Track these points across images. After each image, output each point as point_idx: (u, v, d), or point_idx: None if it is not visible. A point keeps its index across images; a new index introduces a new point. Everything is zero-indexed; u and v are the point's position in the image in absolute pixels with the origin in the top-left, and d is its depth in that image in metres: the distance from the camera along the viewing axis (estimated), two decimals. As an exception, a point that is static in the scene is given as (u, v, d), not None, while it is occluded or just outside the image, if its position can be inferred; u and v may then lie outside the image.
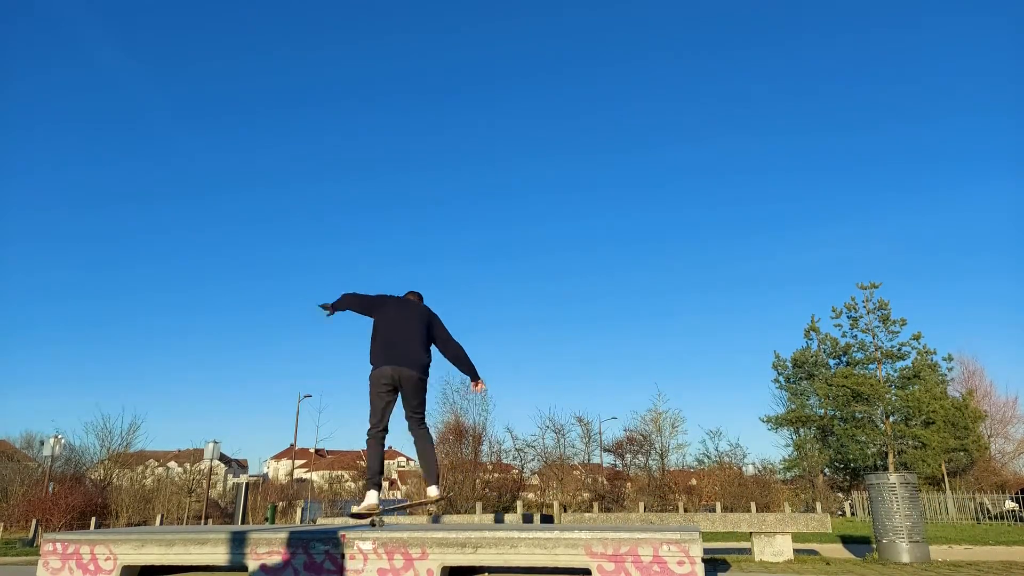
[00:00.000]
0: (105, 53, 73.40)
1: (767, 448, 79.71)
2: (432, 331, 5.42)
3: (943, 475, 33.42)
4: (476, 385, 5.58)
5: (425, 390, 5.30)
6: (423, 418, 5.33)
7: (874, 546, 6.82)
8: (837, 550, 9.85)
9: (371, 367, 5.18)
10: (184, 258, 75.15)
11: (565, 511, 18.02)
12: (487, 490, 26.25)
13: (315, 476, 47.50)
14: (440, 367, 5.68)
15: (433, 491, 5.07)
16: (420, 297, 5.69)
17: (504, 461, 28.29)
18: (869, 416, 36.66)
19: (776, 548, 7.25)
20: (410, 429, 5.34)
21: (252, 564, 4.16)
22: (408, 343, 5.19)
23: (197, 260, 76.11)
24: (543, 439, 28.96)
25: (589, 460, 31.45)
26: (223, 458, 52.59)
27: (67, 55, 74.17)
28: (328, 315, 5.47)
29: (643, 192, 77.39)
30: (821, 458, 36.47)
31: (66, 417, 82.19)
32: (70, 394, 64.74)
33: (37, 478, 25.02)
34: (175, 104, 77.97)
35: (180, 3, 77.26)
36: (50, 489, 22.57)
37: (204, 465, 29.17)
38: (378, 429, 5.15)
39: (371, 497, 5.05)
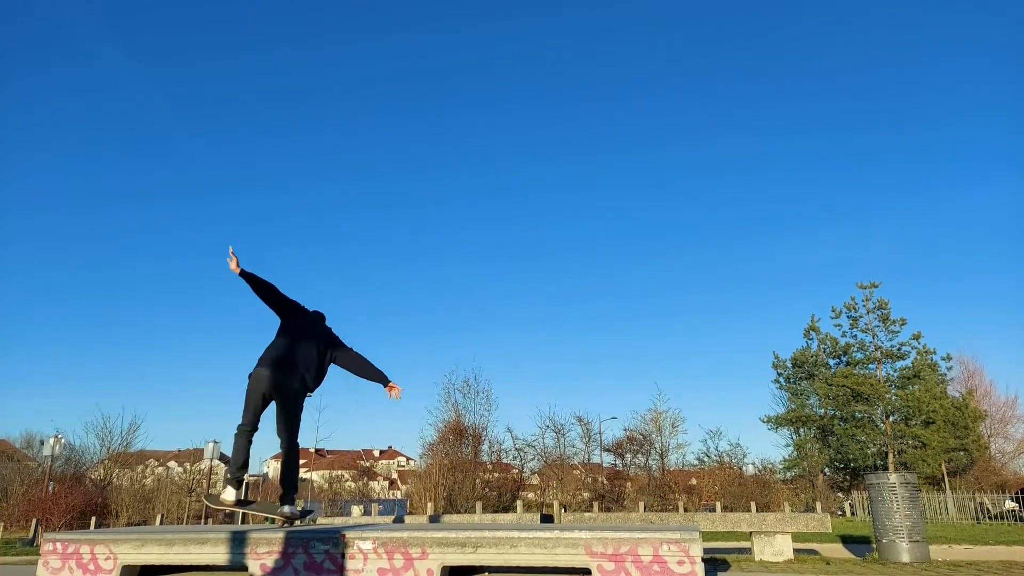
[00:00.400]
0: (105, 53, 73.40)
1: (767, 448, 79.79)
2: (333, 352, 5.43)
3: (943, 475, 33.43)
4: (391, 390, 5.51)
5: (300, 406, 5.22)
6: (294, 434, 5.21)
7: (874, 546, 6.82)
8: (837, 550, 9.85)
9: (257, 365, 5.13)
10: (184, 258, 75.03)
11: (565, 511, 18.02)
12: (487, 490, 26.26)
13: (315, 476, 47.52)
14: (441, 365, 5.60)
15: (286, 510, 4.99)
16: (323, 317, 5.67)
17: (504, 461, 28.31)
18: (869, 416, 36.67)
19: (776, 548, 7.25)
20: (280, 444, 5.24)
21: (252, 564, 4.16)
22: (304, 356, 5.19)
23: (197, 260, 76.01)
24: (543, 439, 29.00)
25: (589, 460, 31.45)
26: (223, 458, 52.51)
27: (67, 55, 74.16)
28: (230, 256, 5.13)
29: (643, 192, 77.36)
30: (821, 458, 36.49)
31: (66, 417, 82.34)
32: (70, 394, 64.79)
33: (37, 478, 25.01)
34: (175, 104, 77.94)
35: (180, 3, 77.30)
36: (50, 489, 22.58)
37: (204, 465, 29.18)
38: (247, 427, 5.13)
39: (228, 494, 5.08)
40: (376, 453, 73.25)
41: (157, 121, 76.06)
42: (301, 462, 5.62)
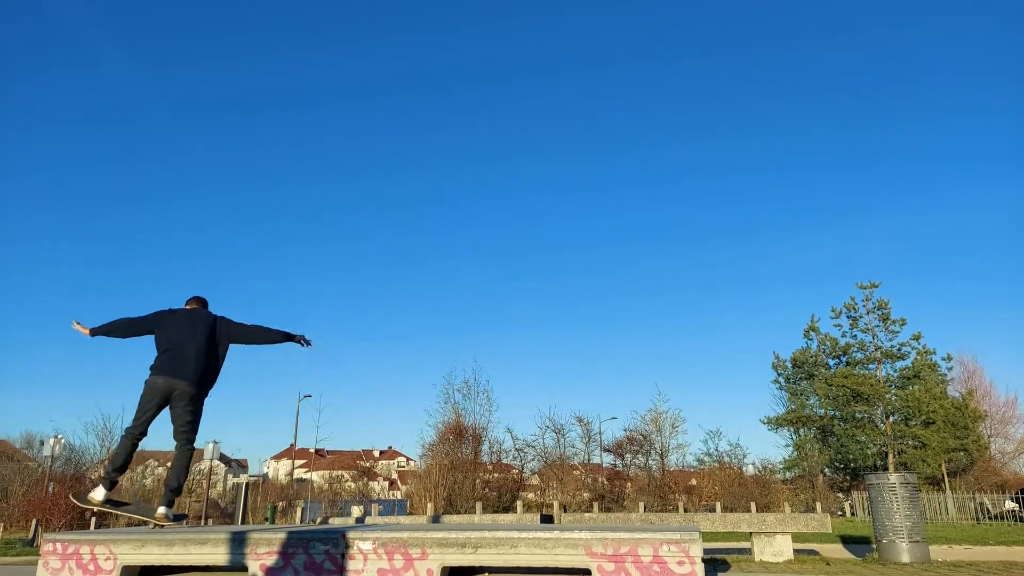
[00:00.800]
0: (105, 53, 73.41)
1: (767, 448, 79.91)
2: (221, 335, 5.29)
3: (943, 475, 33.43)
4: (302, 342, 5.43)
5: (197, 409, 5.18)
6: (190, 437, 5.20)
7: (874, 546, 6.81)
8: (837, 550, 9.85)
9: (149, 373, 5.14)
10: (184, 258, 75.12)
11: (565, 511, 18.02)
12: (487, 490, 26.26)
13: (315, 476, 47.51)
14: (441, 365, 5.59)
15: (161, 511, 5.00)
16: (204, 302, 5.50)
17: (504, 461, 28.31)
18: (869, 416, 36.67)
19: (776, 548, 7.25)
20: (176, 446, 5.23)
21: (252, 564, 4.16)
22: (186, 355, 5.11)
23: (197, 260, 76.07)
24: (543, 439, 29.02)
25: (589, 460, 31.47)
26: (223, 458, 52.56)
27: (67, 55, 74.23)
28: (77, 328, 5.35)
29: (643, 192, 77.45)
30: (821, 458, 36.50)
31: (66, 417, 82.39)
32: (70, 394, 64.79)
33: (37, 478, 25.02)
34: (175, 104, 78.00)
35: (180, 3, 77.33)
36: (50, 489, 22.56)
37: (204, 465, 29.18)
38: (135, 431, 5.12)
39: (97, 493, 5.09)
40: (376, 453, 73.19)
41: (157, 121, 76.14)
42: (301, 462, 5.60)
